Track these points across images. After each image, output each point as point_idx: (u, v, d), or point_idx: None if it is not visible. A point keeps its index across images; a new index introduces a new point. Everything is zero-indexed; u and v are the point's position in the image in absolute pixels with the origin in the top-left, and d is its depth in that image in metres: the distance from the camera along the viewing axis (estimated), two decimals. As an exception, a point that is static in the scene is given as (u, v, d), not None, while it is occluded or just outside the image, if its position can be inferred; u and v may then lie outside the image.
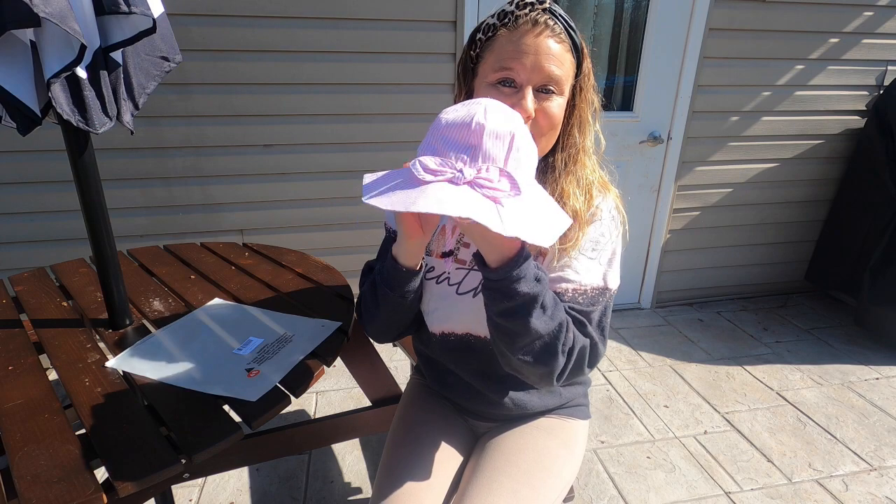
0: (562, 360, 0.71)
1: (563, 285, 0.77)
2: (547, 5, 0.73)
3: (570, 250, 0.78)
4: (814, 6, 2.30)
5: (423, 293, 0.89)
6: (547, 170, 0.81)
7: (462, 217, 0.52)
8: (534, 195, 0.60)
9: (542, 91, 0.73)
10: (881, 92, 2.50)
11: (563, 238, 0.77)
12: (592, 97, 0.80)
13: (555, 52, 0.72)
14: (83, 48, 0.83)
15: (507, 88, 0.73)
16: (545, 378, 0.74)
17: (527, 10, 0.72)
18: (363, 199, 0.57)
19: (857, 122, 2.59)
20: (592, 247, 0.79)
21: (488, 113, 0.59)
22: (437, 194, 0.53)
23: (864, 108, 2.57)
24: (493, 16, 0.75)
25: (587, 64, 0.77)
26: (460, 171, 0.56)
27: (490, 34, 0.75)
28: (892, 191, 2.34)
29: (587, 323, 0.76)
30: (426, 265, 0.88)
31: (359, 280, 0.94)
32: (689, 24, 2.26)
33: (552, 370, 0.72)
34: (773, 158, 2.59)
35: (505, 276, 0.64)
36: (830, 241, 2.73)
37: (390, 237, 0.92)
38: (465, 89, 0.81)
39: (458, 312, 0.87)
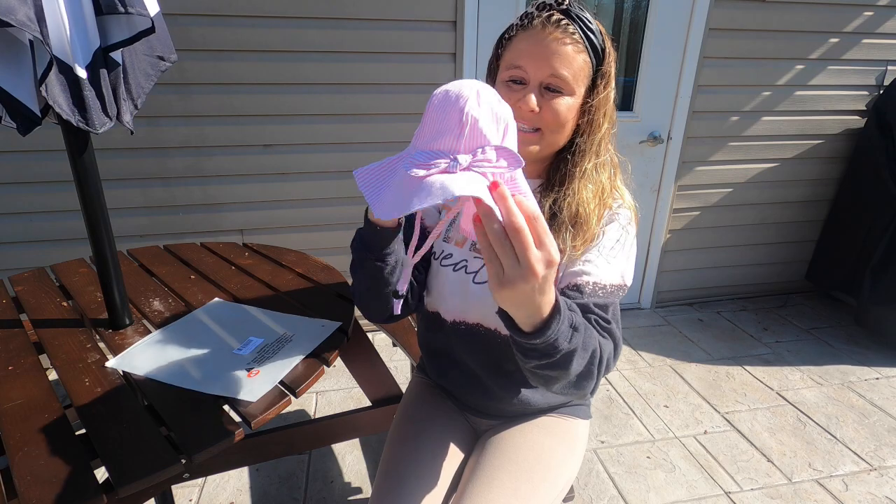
0: (595, 377, 0.70)
1: (585, 278, 0.78)
2: (564, 6, 0.74)
3: (588, 248, 0.79)
4: (814, 6, 2.30)
5: (439, 279, 0.90)
6: (561, 170, 0.81)
7: (464, 196, 0.49)
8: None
9: (550, 89, 0.75)
10: (881, 92, 2.50)
11: (581, 237, 0.78)
12: (608, 99, 0.79)
13: (563, 53, 0.73)
14: (50, 45, 0.82)
15: (517, 85, 0.75)
16: (579, 396, 0.75)
17: (543, 12, 0.73)
18: (374, 212, 0.54)
19: (857, 122, 2.59)
20: (612, 245, 0.80)
21: (481, 97, 0.54)
22: (433, 185, 0.49)
23: (864, 108, 2.57)
24: (518, 17, 0.77)
25: (608, 66, 0.77)
26: (454, 158, 0.52)
27: (512, 34, 0.77)
28: (892, 191, 2.34)
29: (610, 320, 0.75)
30: (443, 251, 0.89)
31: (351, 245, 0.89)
32: (689, 24, 2.26)
33: (587, 391, 0.72)
34: (773, 158, 2.59)
35: (544, 340, 0.57)
36: (830, 241, 2.73)
37: None
38: None
39: (471, 301, 0.87)
